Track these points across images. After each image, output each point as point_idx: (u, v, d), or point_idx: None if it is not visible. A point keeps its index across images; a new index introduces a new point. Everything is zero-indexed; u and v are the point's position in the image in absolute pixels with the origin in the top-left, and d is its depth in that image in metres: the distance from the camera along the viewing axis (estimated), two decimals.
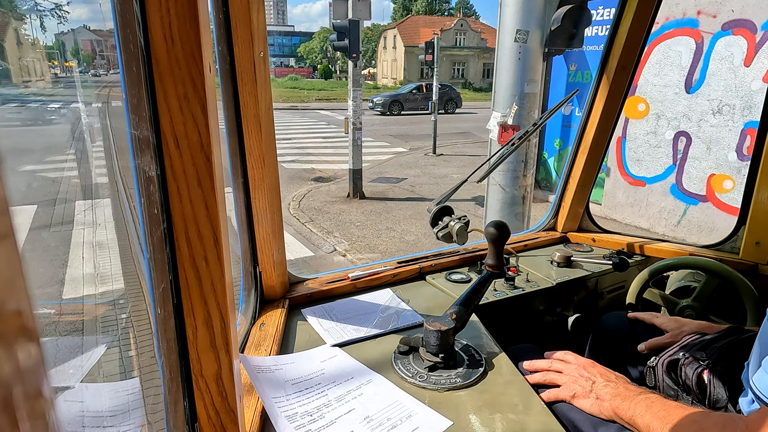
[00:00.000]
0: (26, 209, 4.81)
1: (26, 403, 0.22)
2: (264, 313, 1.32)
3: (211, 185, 0.63)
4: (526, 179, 4.20)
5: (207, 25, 0.61)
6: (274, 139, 1.19)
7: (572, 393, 1.05)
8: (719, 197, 5.89)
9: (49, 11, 6.36)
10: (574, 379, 1.08)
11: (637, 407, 0.93)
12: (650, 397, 0.95)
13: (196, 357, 0.71)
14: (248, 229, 1.27)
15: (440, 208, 1.46)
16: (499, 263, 1.21)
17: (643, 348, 1.32)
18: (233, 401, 0.75)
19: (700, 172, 6.05)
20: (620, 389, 1.00)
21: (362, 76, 9.53)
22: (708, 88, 5.83)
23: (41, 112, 9.04)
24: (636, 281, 1.69)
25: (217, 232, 0.65)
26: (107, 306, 2.30)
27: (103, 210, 4.40)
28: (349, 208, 7.79)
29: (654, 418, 0.88)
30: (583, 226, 2.07)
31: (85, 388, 0.90)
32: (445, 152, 12.84)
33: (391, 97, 24.65)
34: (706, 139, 5.92)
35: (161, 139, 0.61)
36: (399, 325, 1.30)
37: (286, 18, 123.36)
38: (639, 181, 6.78)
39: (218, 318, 0.69)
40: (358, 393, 1.02)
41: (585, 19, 3.88)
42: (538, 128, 1.68)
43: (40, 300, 2.34)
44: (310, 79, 55.40)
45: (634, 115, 6.68)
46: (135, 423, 0.85)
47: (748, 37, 5.41)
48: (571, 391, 1.06)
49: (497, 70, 4.00)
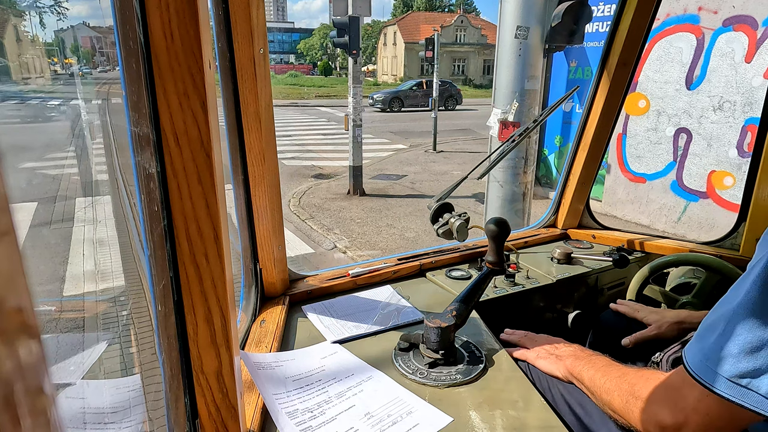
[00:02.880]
0: (27, 206, 4.81)
1: (27, 400, 0.22)
2: (264, 310, 1.32)
3: (211, 182, 0.63)
4: (526, 176, 4.20)
5: (207, 21, 0.61)
6: (274, 136, 1.19)
7: (536, 354, 1.20)
8: (720, 194, 5.88)
9: (49, 8, 6.36)
10: (542, 345, 1.22)
11: (585, 365, 1.06)
12: (599, 357, 1.07)
13: (197, 354, 0.71)
14: (248, 226, 1.27)
15: (440, 205, 1.46)
16: (499, 260, 1.21)
17: (628, 342, 1.35)
18: (234, 398, 0.75)
19: (700, 169, 6.04)
20: (577, 352, 1.13)
21: (362, 72, 9.51)
22: (709, 84, 5.82)
23: (41, 109, 9.03)
24: (636, 278, 1.69)
25: (218, 229, 0.65)
26: (108, 303, 2.31)
27: (103, 207, 4.40)
28: (350, 205, 7.79)
29: (597, 372, 1.01)
30: (584, 222, 2.07)
31: (86, 384, 0.90)
32: (446, 149, 12.82)
33: (391, 93, 24.59)
34: (707, 136, 5.91)
35: (161, 136, 0.61)
36: (399, 322, 1.30)
37: (285, 14, 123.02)
38: (639, 178, 6.77)
39: (219, 315, 0.69)
40: (359, 389, 1.02)
41: (585, 16, 3.87)
42: (538, 125, 1.68)
43: (40, 297, 2.34)
44: (310, 76, 55.30)
45: (635, 112, 6.66)
46: (136, 419, 0.85)
47: (749, 33, 5.39)
48: (536, 353, 1.20)
49: (498, 67, 3.99)
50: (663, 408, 0.81)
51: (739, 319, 0.69)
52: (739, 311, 0.70)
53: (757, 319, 0.68)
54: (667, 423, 0.80)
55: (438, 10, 59.88)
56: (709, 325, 0.75)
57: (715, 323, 0.73)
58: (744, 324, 0.69)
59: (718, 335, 0.71)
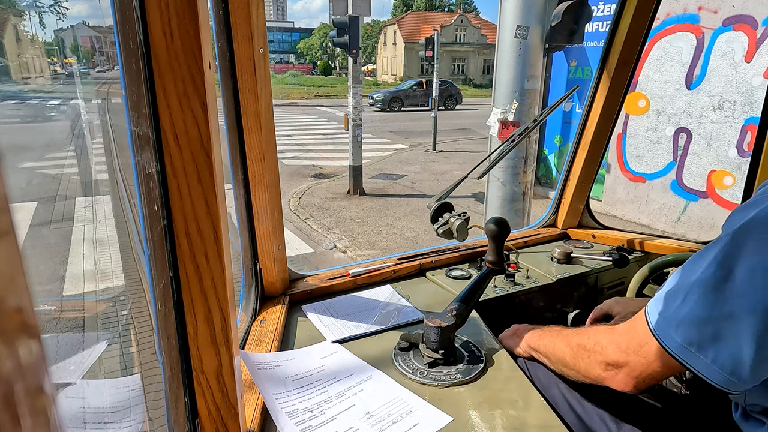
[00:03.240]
0: (26, 206, 4.80)
1: (28, 400, 0.22)
2: (264, 310, 1.32)
3: (211, 182, 0.63)
4: (526, 176, 4.20)
5: (206, 21, 0.61)
6: (274, 135, 1.19)
7: (505, 335, 1.29)
8: (719, 193, 5.88)
9: (48, 7, 6.34)
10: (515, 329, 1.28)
11: (541, 334, 1.16)
12: (554, 327, 1.16)
13: (197, 353, 0.71)
14: (248, 225, 1.27)
15: (440, 204, 1.46)
16: (499, 260, 1.21)
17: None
18: (234, 397, 0.75)
19: (700, 169, 6.04)
20: (537, 329, 1.20)
21: (362, 72, 9.51)
22: (708, 84, 5.82)
23: (41, 109, 9.02)
24: (636, 277, 1.69)
25: (218, 229, 0.65)
26: (108, 303, 2.31)
27: (103, 207, 4.40)
28: (350, 204, 7.79)
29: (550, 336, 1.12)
30: (584, 222, 2.07)
31: (86, 384, 0.90)
32: (446, 149, 12.82)
33: (390, 93, 24.59)
34: (707, 136, 5.91)
35: (161, 135, 0.61)
36: (399, 322, 1.30)
37: (285, 14, 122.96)
38: (639, 178, 6.77)
39: (219, 314, 0.69)
40: (359, 389, 1.02)
41: (585, 15, 3.86)
42: (538, 124, 1.68)
43: (40, 297, 2.34)
44: (310, 76, 55.25)
45: (635, 112, 6.66)
46: (136, 419, 0.85)
47: (749, 33, 5.39)
48: (505, 334, 1.29)
49: (497, 67, 3.99)
50: (608, 348, 0.91)
51: (695, 295, 0.77)
52: (695, 287, 0.77)
53: (709, 296, 0.75)
54: (610, 360, 0.90)
55: (438, 10, 59.85)
56: (672, 291, 0.82)
57: (677, 293, 0.81)
58: (698, 300, 0.76)
59: (678, 304, 0.79)
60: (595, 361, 0.94)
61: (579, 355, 0.99)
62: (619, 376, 0.89)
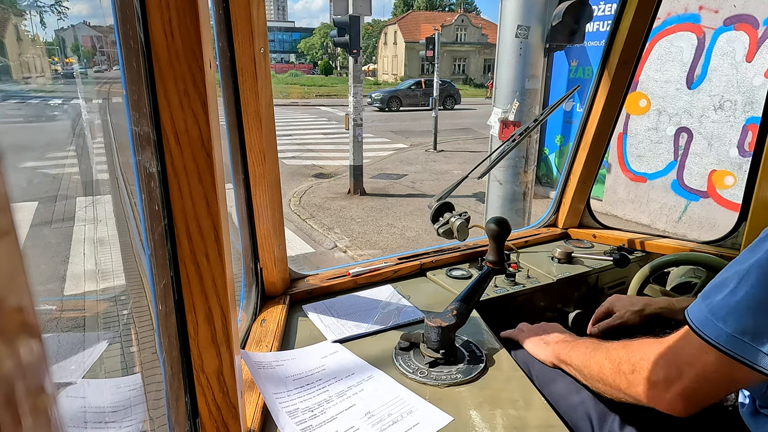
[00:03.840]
0: (27, 206, 4.81)
1: (28, 399, 0.22)
2: (265, 309, 1.33)
3: (211, 181, 0.63)
4: (526, 175, 4.19)
5: (207, 21, 0.61)
6: (274, 135, 1.19)
7: (525, 336, 1.22)
8: (720, 193, 5.88)
9: (49, 7, 6.34)
10: (534, 330, 1.23)
11: (573, 347, 1.06)
12: (587, 339, 1.08)
13: (198, 353, 0.71)
14: (249, 225, 1.27)
15: (441, 204, 1.46)
16: (499, 259, 1.21)
17: (596, 331, 1.37)
18: (234, 397, 0.75)
19: (701, 168, 6.03)
20: (566, 338, 1.13)
21: (363, 72, 9.51)
22: (709, 83, 5.81)
23: (42, 109, 9.01)
24: (637, 277, 1.69)
25: (218, 228, 0.65)
26: (108, 302, 2.30)
27: (104, 206, 4.40)
28: (350, 204, 7.78)
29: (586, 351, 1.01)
30: (584, 222, 2.07)
31: (87, 384, 0.90)
32: (446, 148, 12.81)
33: (389, 93, 24.54)
34: (708, 135, 5.91)
35: (162, 135, 0.61)
36: (400, 322, 1.30)
37: (286, 14, 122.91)
38: (640, 177, 6.77)
39: (219, 314, 0.69)
40: (359, 389, 1.02)
41: (586, 15, 3.86)
42: (539, 124, 1.68)
43: (41, 296, 2.34)
44: (310, 75, 55.25)
45: (636, 111, 6.66)
46: (137, 418, 0.85)
47: (750, 33, 5.38)
48: (525, 335, 1.22)
49: (498, 66, 3.99)
50: (655, 365, 0.79)
51: (752, 277, 0.68)
52: (753, 269, 0.68)
53: None
54: (658, 378, 0.79)
55: (438, 10, 59.82)
56: (718, 283, 0.74)
57: (726, 281, 0.72)
58: (757, 282, 0.67)
59: (728, 292, 0.70)
60: (639, 380, 0.82)
61: (621, 372, 0.87)
62: (669, 395, 0.77)
